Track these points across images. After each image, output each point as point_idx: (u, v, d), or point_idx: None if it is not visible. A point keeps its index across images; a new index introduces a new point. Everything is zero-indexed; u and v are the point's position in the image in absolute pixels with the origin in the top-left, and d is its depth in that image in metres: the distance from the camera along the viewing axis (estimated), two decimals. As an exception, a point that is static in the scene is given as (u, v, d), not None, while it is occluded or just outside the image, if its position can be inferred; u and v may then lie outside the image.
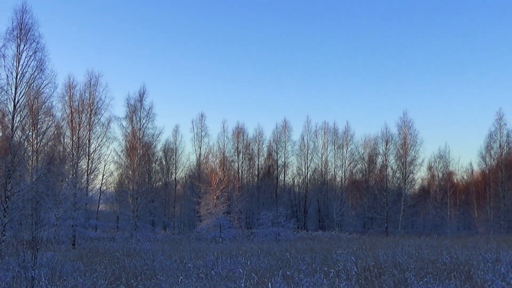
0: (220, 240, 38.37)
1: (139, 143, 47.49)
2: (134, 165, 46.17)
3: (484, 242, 28.12)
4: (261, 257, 18.81)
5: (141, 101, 48.85)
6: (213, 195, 43.09)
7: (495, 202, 57.07)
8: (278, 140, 65.36)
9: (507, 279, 11.73)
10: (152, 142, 51.32)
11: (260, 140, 65.80)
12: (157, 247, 27.06)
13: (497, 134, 58.21)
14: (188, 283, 12.77)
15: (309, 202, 65.04)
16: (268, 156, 66.59)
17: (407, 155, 57.12)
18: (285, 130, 65.33)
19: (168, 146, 61.72)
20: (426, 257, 16.74)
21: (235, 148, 63.74)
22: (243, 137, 64.45)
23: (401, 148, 57.47)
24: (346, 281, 12.23)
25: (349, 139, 64.81)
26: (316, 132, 65.56)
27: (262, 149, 66.21)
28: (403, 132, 57.55)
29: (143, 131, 48.64)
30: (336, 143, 64.90)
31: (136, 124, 48.38)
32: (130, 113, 48.72)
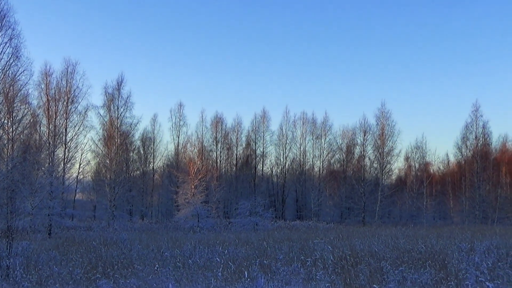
0: (198, 229, 38.33)
1: (116, 132, 47.18)
2: (111, 154, 45.87)
3: (459, 232, 28.50)
4: (239, 247, 18.84)
5: (119, 90, 48.54)
6: (191, 185, 42.97)
7: (470, 192, 57.82)
8: (257, 130, 65.30)
9: (481, 268, 11.90)
10: (130, 131, 51.10)
11: (239, 130, 65.70)
12: (135, 237, 26.96)
13: (473, 126, 58.91)
14: (165, 272, 12.74)
15: (287, 192, 65.20)
16: (247, 146, 66.51)
17: (385, 145, 57.63)
18: (264, 120, 65.33)
19: (146, 135, 61.39)
20: (402, 247, 16.91)
21: (213, 138, 63.60)
22: (221, 127, 64.34)
23: (379, 138, 57.94)
24: (323, 270, 12.30)
25: (327, 130, 65.02)
26: (294, 122, 65.68)
27: (241, 138, 66.12)
28: (381, 123, 58.03)
29: (121, 120, 48.37)
30: (314, 133, 65.10)
31: (114, 113, 48.07)
32: (108, 102, 48.38)
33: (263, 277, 11.56)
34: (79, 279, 11.78)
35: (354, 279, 10.25)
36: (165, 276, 12.15)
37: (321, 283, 10.56)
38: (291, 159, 65.96)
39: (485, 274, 10.94)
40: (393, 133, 58.16)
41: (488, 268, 11.73)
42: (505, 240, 19.93)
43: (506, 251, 14.82)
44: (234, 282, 10.84)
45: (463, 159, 62.36)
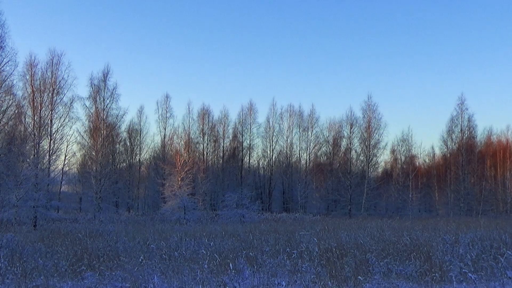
0: (184, 221, 38.31)
1: (102, 123, 46.96)
2: (97, 146, 45.66)
3: (444, 224, 28.73)
4: (225, 239, 18.85)
5: (105, 81, 48.34)
6: (177, 177, 42.90)
7: (455, 185, 58.33)
8: (244, 122, 65.26)
9: (465, 260, 12.00)
10: (116, 122, 50.87)
11: (226, 122, 65.61)
12: (121, 229, 26.88)
13: (458, 119, 59.37)
14: (151, 264, 12.72)
15: (274, 184, 65.29)
16: (234, 138, 66.46)
17: (371, 138, 57.93)
18: (251, 112, 65.29)
19: (133, 127, 61.07)
20: (388, 239, 17.00)
21: (200, 130, 63.47)
22: (208, 119, 64.22)
23: (365, 131, 58.21)
24: (309, 262, 12.34)
25: (314, 122, 65.15)
26: (281, 114, 65.72)
27: (228, 131, 66.04)
28: (367, 115, 58.31)
29: (107, 111, 48.18)
30: (301, 126, 65.23)
31: (99, 105, 47.86)
32: (94, 93, 48.14)
33: (249, 269, 11.58)
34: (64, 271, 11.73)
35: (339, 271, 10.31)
36: (151, 268, 12.14)
37: (306, 275, 10.60)
38: (278, 152, 66.09)
39: (469, 265, 11.03)
40: (379, 126, 58.51)
41: (472, 259, 11.83)
42: (489, 232, 20.11)
43: (490, 243, 14.95)
44: (220, 274, 10.85)
45: (448, 152, 62.87)
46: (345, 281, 9.56)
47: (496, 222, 31.73)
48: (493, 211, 58.45)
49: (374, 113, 58.35)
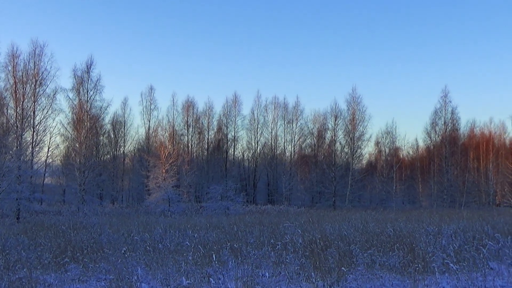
0: (169, 214, 38.24)
1: (86, 115, 46.63)
2: (81, 137, 45.34)
3: (427, 215, 28.97)
4: (210, 231, 18.85)
5: (89, 73, 47.93)
6: (162, 169, 42.79)
7: (439, 177, 58.80)
8: (228, 114, 65.19)
9: (447, 251, 12.11)
10: (100, 114, 50.49)
11: (210, 114, 65.49)
12: (105, 221, 26.76)
13: (442, 111, 59.81)
14: (135, 256, 12.69)
15: (259, 176, 65.36)
16: (218, 130, 66.38)
17: (356, 130, 58.15)
18: (235, 104, 65.22)
19: (117, 119, 60.63)
20: (371, 230, 17.11)
21: (184, 122, 63.34)
22: (193, 111, 64.08)
23: (350, 123, 58.40)
24: (293, 253, 12.39)
25: (299, 114, 65.21)
26: (266, 106, 65.72)
27: (212, 123, 65.95)
28: (352, 108, 58.48)
29: (91, 103, 47.82)
30: (286, 118, 65.27)
31: (83, 96, 47.49)
32: (77, 85, 47.75)
33: (234, 261, 11.60)
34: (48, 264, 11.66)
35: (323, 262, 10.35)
36: (135, 260, 12.11)
37: (291, 266, 10.64)
38: (263, 144, 66.14)
39: (451, 256, 11.14)
40: (363, 118, 58.74)
41: (454, 250, 11.95)
42: (471, 223, 20.31)
43: (473, 234, 15.11)
44: (204, 266, 10.86)
45: (432, 144, 63.39)
46: (329, 272, 9.60)
47: (478, 213, 32.05)
48: (476, 202, 59.05)
49: (359, 105, 58.60)
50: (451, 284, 9.06)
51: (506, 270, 10.28)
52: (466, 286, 8.64)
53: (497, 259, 11.59)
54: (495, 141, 67.09)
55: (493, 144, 64.81)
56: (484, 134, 68.23)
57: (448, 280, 9.44)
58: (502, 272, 10.20)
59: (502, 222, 21.01)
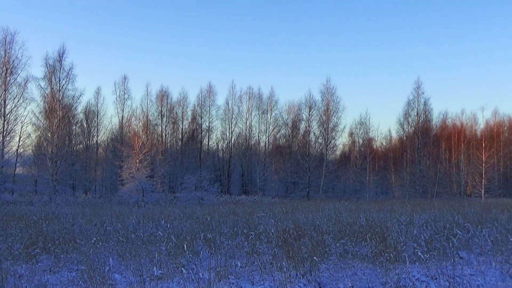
0: (143, 204, 38.09)
1: (58, 104, 46.09)
2: (53, 127, 44.83)
3: (399, 205, 29.27)
4: (184, 221, 18.79)
5: (61, 62, 47.32)
6: (135, 159, 42.56)
7: (411, 167, 59.56)
8: (203, 104, 65.08)
9: (418, 240, 12.27)
10: (72, 104, 50.01)
11: (185, 104, 65.33)
12: (77, 211, 26.51)
13: (415, 102, 60.52)
14: (107, 246, 12.60)
15: (233, 166, 65.43)
16: (192, 120, 66.22)
17: (330, 121, 58.54)
18: (210, 94, 65.11)
19: (90, 108, 60.11)
20: (344, 220, 17.21)
21: (158, 112, 63.09)
22: (167, 101, 63.82)
23: (324, 114, 58.74)
24: (267, 243, 12.43)
25: (273, 105, 65.42)
26: (241, 97, 65.79)
27: (187, 113, 65.81)
28: (326, 98, 58.83)
29: (63, 92, 47.30)
30: (260, 108, 65.41)
31: (55, 85, 46.90)
32: (49, 74, 47.11)
33: (207, 251, 11.60)
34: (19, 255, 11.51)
35: (296, 252, 10.40)
36: (107, 251, 12.03)
37: (264, 256, 10.68)
38: (237, 134, 66.23)
39: (422, 246, 11.28)
40: (337, 109, 59.18)
41: (425, 240, 12.09)
42: (442, 213, 20.59)
43: (443, 224, 15.31)
44: (177, 256, 10.83)
45: (404, 135, 64.11)
46: (301, 262, 9.66)
47: (449, 203, 32.51)
48: (447, 193, 59.98)
49: (333, 96, 58.99)
50: (422, 273, 9.18)
51: (475, 259, 10.45)
52: (435, 275, 8.76)
53: (467, 248, 11.78)
54: (467, 132, 68.23)
55: (464, 135, 65.84)
56: (455, 125, 69.29)
57: (418, 269, 9.56)
58: (472, 261, 10.37)
59: (473, 212, 21.35)
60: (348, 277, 9.03)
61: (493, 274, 9.17)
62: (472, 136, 67.36)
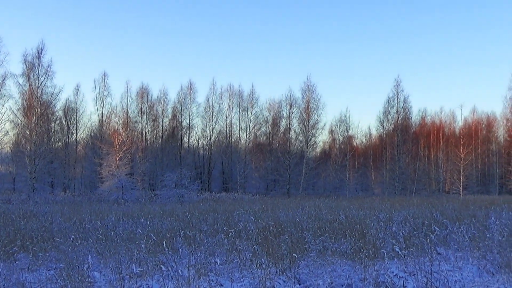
0: (122, 202, 37.86)
1: (37, 101, 45.63)
2: (31, 124, 44.36)
3: (379, 202, 29.50)
4: (163, 219, 18.74)
5: (39, 58, 46.81)
6: (115, 156, 42.30)
7: (391, 165, 59.99)
8: (183, 102, 64.90)
9: (397, 237, 12.38)
10: (51, 101, 49.45)
11: (165, 101, 65.08)
12: (56, 209, 26.27)
13: (394, 100, 60.88)
14: (86, 244, 12.53)
15: (214, 164, 65.34)
16: (173, 117, 66.02)
17: (310, 118, 58.70)
18: (190, 92, 64.92)
19: (69, 106, 59.48)
20: (324, 217, 17.30)
21: (139, 109, 62.70)
22: (147, 98, 63.49)
23: (304, 111, 58.90)
24: (247, 240, 12.45)
25: (254, 102, 65.44)
26: (221, 94, 65.68)
27: (167, 110, 65.59)
28: (306, 96, 58.98)
29: (42, 89, 46.79)
30: (241, 106, 65.38)
31: (34, 82, 46.39)
32: (27, 70, 46.57)
33: (187, 248, 11.58)
34: (-4, 253, 11.41)
35: (276, 249, 10.43)
36: (86, 249, 11.97)
37: (244, 253, 10.70)
38: (218, 131, 66.13)
39: (401, 242, 11.39)
40: (318, 106, 59.36)
41: (404, 236, 12.21)
42: (421, 210, 20.79)
43: (422, 220, 15.46)
44: (157, 254, 10.80)
45: (384, 133, 64.49)
46: (281, 259, 9.69)
47: (428, 200, 32.83)
48: (426, 190, 60.55)
49: (313, 93, 59.16)
50: (400, 269, 9.28)
51: (453, 255, 10.58)
52: (414, 270, 8.85)
53: (444, 244, 11.92)
54: (445, 130, 68.86)
55: (443, 133, 66.48)
56: (434, 123, 69.98)
57: (397, 265, 9.66)
58: (449, 257, 10.50)
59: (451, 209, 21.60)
60: (327, 274, 9.08)
61: (470, 270, 9.29)
62: (451, 134, 68.04)
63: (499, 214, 17.55)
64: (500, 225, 14.04)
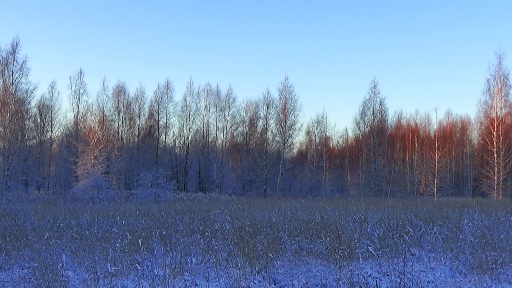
0: (98, 201, 37.55)
1: (11, 98, 45.01)
2: (5, 121, 43.74)
3: (354, 204, 29.67)
4: (139, 218, 18.66)
5: (14, 54, 46.14)
6: (91, 155, 41.94)
7: (367, 166, 60.40)
8: (160, 101, 64.65)
9: (372, 238, 12.50)
10: (26, 98, 48.84)
11: (142, 100, 64.75)
12: (30, 208, 25.98)
13: (371, 102, 61.27)
14: (61, 243, 12.42)
15: (190, 163, 65.15)
16: (149, 116, 65.71)
17: (287, 119, 58.86)
18: (167, 91, 64.67)
19: (44, 103, 58.81)
20: (300, 218, 17.37)
21: (115, 107, 62.22)
22: (124, 96, 63.07)
23: (282, 112, 59.05)
24: (223, 240, 12.45)
25: (231, 102, 65.39)
26: (198, 93, 65.46)
27: (144, 109, 65.28)
28: (283, 96, 59.12)
29: (16, 85, 46.16)
30: (218, 106, 65.26)
31: (8, 79, 45.75)
32: (1, 66, 45.91)
33: (162, 248, 11.55)
34: (-33, 252, 11.25)
35: (252, 248, 10.46)
36: (60, 248, 11.86)
37: (219, 253, 10.70)
38: (195, 131, 65.92)
39: (375, 243, 11.50)
40: (295, 107, 59.53)
41: (378, 237, 12.33)
42: (396, 211, 20.97)
43: (396, 222, 15.61)
44: (132, 253, 10.76)
45: (360, 134, 64.85)
46: (257, 259, 9.72)
47: (403, 202, 33.12)
48: (401, 191, 61.06)
49: (291, 94, 59.30)
50: (374, 269, 9.37)
51: (426, 256, 10.72)
52: (387, 271, 8.94)
53: (418, 245, 12.06)
54: (421, 132, 69.53)
55: (418, 135, 67.14)
56: (410, 125, 70.62)
57: (371, 266, 9.76)
58: (422, 258, 10.63)
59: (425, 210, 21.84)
60: (302, 274, 9.14)
61: (443, 270, 9.43)
62: (426, 136, 68.70)
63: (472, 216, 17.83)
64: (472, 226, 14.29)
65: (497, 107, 52.33)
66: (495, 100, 52.50)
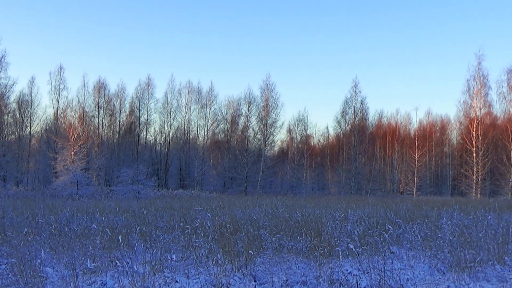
0: (77, 197, 37.29)
1: (-10, 93, 44.49)
2: (-16, 116, 43.25)
3: (335, 202, 29.78)
4: (119, 215, 18.54)
5: (-7, 49, 45.63)
6: (71, 151, 41.62)
7: (347, 165, 60.75)
8: (141, 97, 64.33)
9: (352, 235, 12.56)
10: (4, 93, 48.42)
11: (122, 96, 64.38)
12: (8, 204, 25.69)
13: (352, 101, 61.62)
14: (39, 239, 12.30)
15: (171, 160, 64.97)
16: (130, 112, 65.35)
17: (268, 117, 58.98)
18: (149, 87, 64.37)
19: (23, 98, 58.14)
20: (281, 215, 17.40)
21: (95, 103, 61.76)
22: (104, 92, 62.65)
23: (263, 110, 59.14)
24: (203, 237, 12.43)
25: (212, 99, 65.30)
26: (180, 90, 65.29)
27: (124, 105, 64.90)
28: (265, 94, 59.20)
29: (-5, 80, 45.62)
30: (199, 103, 65.13)
31: (-14, 73, 45.22)
32: (-20, 61, 45.41)
33: (142, 245, 11.50)
34: None
35: (232, 246, 10.46)
36: (39, 244, 11.74)
37: (200, 250, 10.68)
38: (176, 128, 65.73)
39: (355, 241, 11.56)
40: (276, 105, 59.69)
41: (358, 235, 12.39)
42: (376, 210, 21.10)
43: (376, 220, 15.69)
44: (112, 250, 10.69)
45: (341, 133, 65.23)
46: (237, 256, 9.72)
47: (383, 200, 33.33)
48: (381, 190, 61.49)
49: (272, 92, 59.43)
50: (354, 267, 9.42)
51: (405, 254, 10.80)
52: (367, 268, 9.00)
53: (397, 243, 12.15)
54: (401, 131, 70.05)
55: (398, 134, 67.64)
56: (391, 124, 71.13)
57: (351, 263, 9.81)
58: (402, 255, 10.71)
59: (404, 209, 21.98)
60: (282, 271, 9.15)
61: (422, 268, 9.50)
62: (406, 135, 69.21)
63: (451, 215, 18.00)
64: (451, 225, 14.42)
65: (476, 107, 52.93)
66: (474, 100, 53.10)
